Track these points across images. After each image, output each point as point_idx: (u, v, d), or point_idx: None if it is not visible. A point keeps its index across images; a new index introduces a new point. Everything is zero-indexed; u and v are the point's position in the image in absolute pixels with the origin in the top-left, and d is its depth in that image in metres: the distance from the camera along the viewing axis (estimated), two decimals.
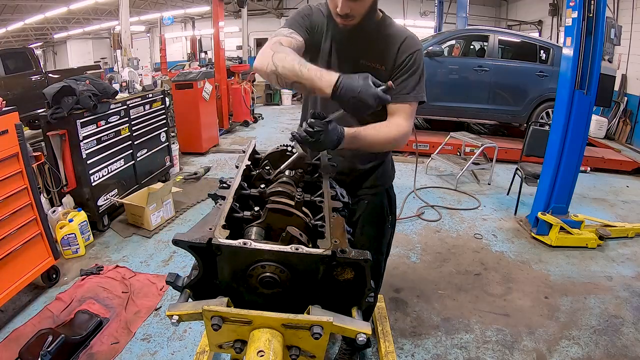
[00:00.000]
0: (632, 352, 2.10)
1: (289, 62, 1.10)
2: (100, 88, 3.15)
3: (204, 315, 0.88)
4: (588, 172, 5.06)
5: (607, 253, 3.14)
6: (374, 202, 1.58)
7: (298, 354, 0.91)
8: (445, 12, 8.68)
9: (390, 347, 2.02)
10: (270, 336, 0.87)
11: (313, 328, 0.86)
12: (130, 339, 2.12)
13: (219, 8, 6.53)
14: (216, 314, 0.87)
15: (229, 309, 0.89)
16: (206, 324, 0.89)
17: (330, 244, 0.93)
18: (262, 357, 0.83)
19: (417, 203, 4.01)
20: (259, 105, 9.80)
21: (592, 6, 2.81)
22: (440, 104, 5.67)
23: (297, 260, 0.91)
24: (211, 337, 0.93)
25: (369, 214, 1.57)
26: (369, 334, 0.90)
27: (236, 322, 0.89)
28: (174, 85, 5.37)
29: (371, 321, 2.19)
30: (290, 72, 1.09)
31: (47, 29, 17.01)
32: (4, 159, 2.19)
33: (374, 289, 0.98)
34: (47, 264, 2.48)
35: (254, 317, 0.88)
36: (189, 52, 14.90)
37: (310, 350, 0.93)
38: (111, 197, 3.34)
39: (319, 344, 0.89)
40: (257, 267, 0.92)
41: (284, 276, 0.93)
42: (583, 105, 2.98)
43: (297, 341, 0.91)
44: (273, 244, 0.94)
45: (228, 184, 1.21)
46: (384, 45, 1.32)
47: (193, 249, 0.93)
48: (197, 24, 18.07)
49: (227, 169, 5.07)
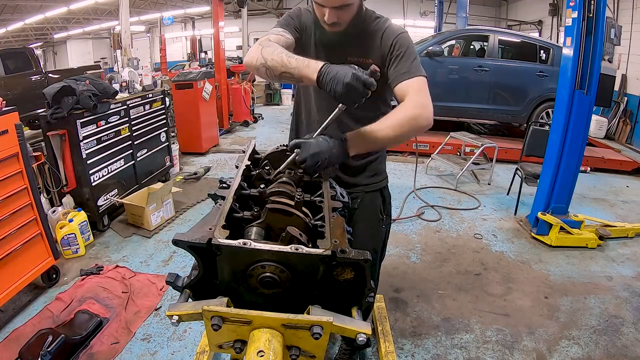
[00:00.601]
0: (632, 352, 2.10)
1: (277, 54, 1.15)
2: (100, 88, 3.15)
3: (203, 315, 0.88)
4: (588, 172, 5.06)
5: (607, 253, 3.14)
6: (367, 200, 1.57)
7: (298, 354, 0.91)
8: (445, 12, 8.69)
9: (390, 347, 2.01)
10: (270, 336, 0.87)
11: (313, 328, 0.86)
12: (130, 339, 2.12)
13: (219, 8, 6.53)
14: (216, 314, 0.87)
15: (228, 309, 0.89)
16: (206, 324, 0.89)
17: (330, 244, 0.93)
18: (262, 357, 0.84)
19: (417, 203, 4.01)
20: (259, 105, 9.80)
21: (592, 6, 2.81)
22: (440, 103, 5.67)
23: (297, 260, 0.91)
24: (211, 337, 0.93)
25: (363, 213, 1.56)
26: (369, 334, 0.90)
27: (236, 322, 0.89)
28: (174, 85, 5.37)
29: (371, 321, 2.19)
30: (279, 64, 1.14)
31: (47, 29, 17.01)
32: (4, 159, 2.18)
33: (374, 289, 0.98)
34: (47, 264, 2.48)
35: (253, 317, 0.88)
36: (189, 52, 14.91)
37: (310, 350, 0.93)
38: (111, 197, 3.34)
39: (319, 344, 0.89)
40: (257, 267, 0.92)
41: (284, 276, 0.93)
42: (583, 105, 2.98)
43: (297, 341, 0.91)
44: (273, 244, 0.94)
45: (228, 184, 1.21)
46: (369, 39, 1.35)
47: (193, 249, 0.93)
48: (197, 24, 18.08)
49: (227, 169, 5.06)
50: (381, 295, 2.40)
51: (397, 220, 3.59)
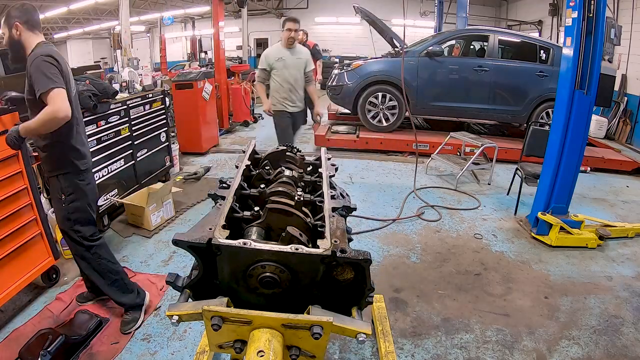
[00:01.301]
0: (632, 352, 2.10)
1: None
2: (100, 88, 3.15)
3: (203, 315, 0.89)
4: (588, 172, 5.06)
5: (607, 253, 3.14)
6: None
7: (298, 354, 0.91)
8: (445, 12, 8.67)
9: (390, 347, 2.01)
10: (270, 336, 0.89)
11: (313, 328, 0.86)
12: (130, 339, 2.12)
13: (219, 8, 6.53)
14: (216, 314, 0.87)
15: (228, 309, 0.89)
16: (206, 324, 0.90)
17: (330, 244, 0.94)
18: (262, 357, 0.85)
19: (417, 203, 4.01)
20: (259, 106, 9.77)
21: (592, 6, 2.81)
22: (440, 103, 5.69)
23: (297, 260, 0.92)
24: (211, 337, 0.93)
25: None
26: (369, 334, 0.90)
27: (236, 322, 0.89)
28: (174, 85, 5.37)
29: (371, 321, 2.20)
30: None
31: (47, 29, 16.99)
32: (4, 159, 2.19)
33: (374, 289, 0.98)
34: (47, 264, 2.48)
35: (253, 317, 0.88)
36: (189, 52, 14.90)
37: (310, 350, 0.93)
38: (111, 197, 3.34)
39: (319, 344, 0.90)
40: (257, 267, 0.93)
41: (284, 276, 0.93)
42: (583, 105, 2.98)
43: (297, 341, 0.91)
44: (273, 244, 0.94)
45: (228, 184, 1.21)
46: None
47: (193, 249, 0.93)
48: (197, 24, 18.07)
49: (227, 169, 5.06)
50: (381, 296, 2.40)
51: (397, 220, 3.59)
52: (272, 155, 1.40)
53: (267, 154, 1.42)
